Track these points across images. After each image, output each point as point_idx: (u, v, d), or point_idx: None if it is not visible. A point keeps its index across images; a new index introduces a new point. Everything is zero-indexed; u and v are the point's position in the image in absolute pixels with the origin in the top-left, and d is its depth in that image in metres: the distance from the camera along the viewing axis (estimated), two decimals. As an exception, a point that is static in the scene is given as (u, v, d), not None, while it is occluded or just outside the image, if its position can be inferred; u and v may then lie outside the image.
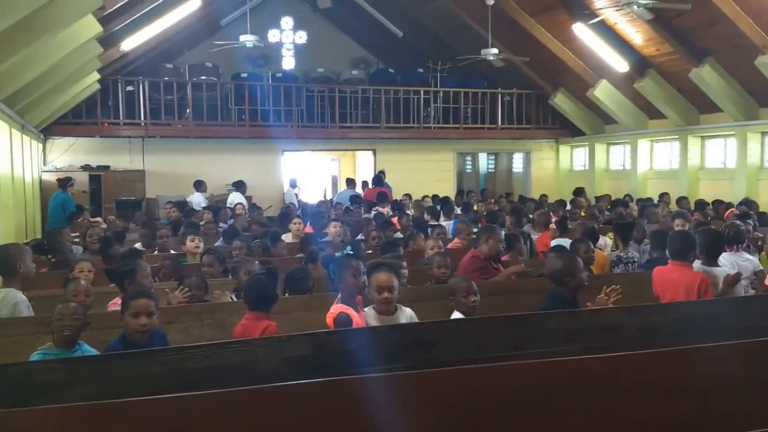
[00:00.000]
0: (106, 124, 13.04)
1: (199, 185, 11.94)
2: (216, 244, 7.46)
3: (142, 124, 13.26)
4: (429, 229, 7.44)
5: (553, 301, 3.85)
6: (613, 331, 3.76)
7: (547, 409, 2.77)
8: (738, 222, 6.01)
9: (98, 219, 10.40)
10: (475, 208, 11.11)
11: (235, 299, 4.30)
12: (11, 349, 3.41)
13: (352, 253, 3.68)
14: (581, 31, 12.40)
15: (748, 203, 9.25)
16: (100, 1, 6.05)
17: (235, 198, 11.86)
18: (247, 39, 11.28)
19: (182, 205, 10.65)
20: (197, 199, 11.70)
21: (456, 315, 3.88)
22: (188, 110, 13.54)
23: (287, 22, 17.43)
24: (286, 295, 4.24)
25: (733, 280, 4.40)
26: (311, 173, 19.25)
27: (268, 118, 14.01)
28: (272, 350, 2.92)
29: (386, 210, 10.75)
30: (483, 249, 5.15)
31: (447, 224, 8.90)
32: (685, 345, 3.22)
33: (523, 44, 13.57)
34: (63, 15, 5.88)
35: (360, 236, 7.83)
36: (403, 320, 3.48)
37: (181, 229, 7.08)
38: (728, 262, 4.84)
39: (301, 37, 17.49)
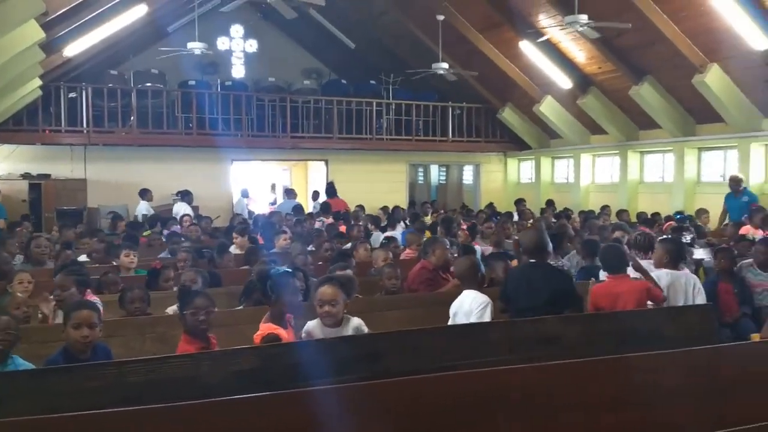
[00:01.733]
0: (47, 132, 12.62)
1: (144, 194, 11.68)
2: (160, 255, 7.33)
3: (85, 131, 12.88)
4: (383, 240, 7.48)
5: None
6: (554, 340, 3.87)
7: (492, 417, 2.82)
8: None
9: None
10: (428, 218, 11.23)
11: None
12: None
13: (290, 270, 3.65)
14: (527, 48, 12.76)
15: (686, 217, 9.62)
16: (43, 7, 5.89)
17: (180, 208, 11.64)
18: (195, 46, 11.14)
19: (118, 218, 10.34)
20: (142, 209, 11.45)
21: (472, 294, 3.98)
22: (132, 118, 13.24)
23: (237, 30, 17.31)
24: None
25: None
26: (261, 183, 19.04)
27: (216, 127, 13.81)
28: (218, 364, 2.88)
29: (329, 220, 10.77)
30: (431, 260, 5.23)
31: (395, 234, 9.02)
32: (623, 354, 3.35)
33: (473, 60, 13.85)
34: (4, 20, 5.68)
35: (310, 247, 7.82)
36: (349, 332, 3.49)
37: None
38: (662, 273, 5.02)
39: (252, 45, 17.39)
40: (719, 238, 8.56)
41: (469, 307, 4.00)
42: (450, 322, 4.11)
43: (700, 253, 6.87)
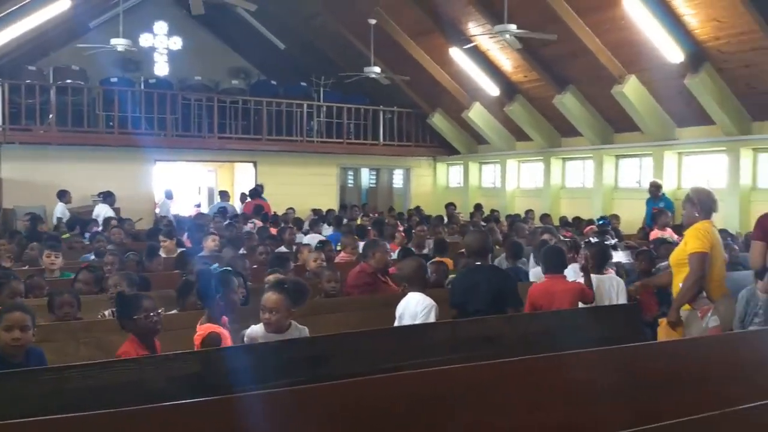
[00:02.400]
0: (-41, 128, 11.87)
1: (62, 195, 11.16)
2: (83, 257, 7.03)
3: (0, 129, 12.17)
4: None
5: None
6: (495, 339, 3.97)
7: (435, 416, 2.86)
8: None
9: None
10: (358, 222, 11.26)
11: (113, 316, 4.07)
12: None
13: (230, 269, 3.59)
14: (457, 55, 13.03)
15: (608, 220, 10.06)
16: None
17: (101, 210, 11.20)
18: (119, 43, 10.75)
19: (37, 219, 9.85)
20: (59, 211, 10.94)
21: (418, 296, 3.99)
22: (51, 115, 12.61)
23: (161, 26, 16.79)
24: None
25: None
26: (185, 185, 18.55)
27: (139, 126, 13.36)
28: (160, 368, 2.80)
29: (258, 223, 10.63)
30: (371, 262, 5.25)
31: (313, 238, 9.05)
32: (559, 351, 3.47)
33: (404, 64, 14.00)
34: None
35: (242, 250, 7.67)
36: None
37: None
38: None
39: (176, 43, 16.90)
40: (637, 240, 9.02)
41: (414, 309, 4.04)
42: (396, 324, 4.14)
43: (620, 256, 7.20)
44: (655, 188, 10.85)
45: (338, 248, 7.66)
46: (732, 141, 10.64)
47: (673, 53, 9.94)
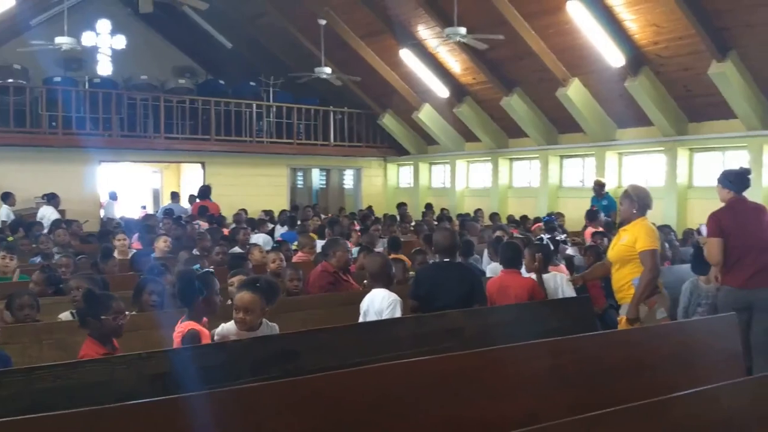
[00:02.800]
0: None
1: (6, 197, 10.78)
2: (32, 260, 6.83)
3: (-63, 129, 11.67)
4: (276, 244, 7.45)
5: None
6: (456, 332, 4.08)
7: (402, 408, 2.93)
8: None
9: None
10: (311, 222, 11.26)
11: (74, 317, 4.00)
12: None
13: (212, 271, 3.60)
14: (407, 57, 13.18)
15: (555, 218, 10.37)
16: None
17: (46, 212, 10.89)
18: (64, 41, 10.46)
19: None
20: (3, 214, 10.57)
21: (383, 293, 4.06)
22: (-8, 115, 12.17)
23: (104, 24, 16.27)
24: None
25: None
26: (131, 186, 18.11)
27: (84, 127, 12.98)
28: (131, 368, 2.79)
29: (204, 224, 10.52)
30: (332, 262, 5.30)
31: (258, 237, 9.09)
32: (518, 342, 3.60)
33: (354, 65, 14.07)
34: None
35: (195, 251, 7.59)
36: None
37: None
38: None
39: (120, 41, 16.44)
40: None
41: (380, 305, 4.10)
42: (360, 320, 4.20)
43: (571, 251, 7.48)
44: (599, 187, 11.27)
45: (294, 248, 7.67)
46: (669, 141, 11.14)
47: (614, 57, 10.34)
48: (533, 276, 4.94)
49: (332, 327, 3.67)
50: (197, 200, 13.19)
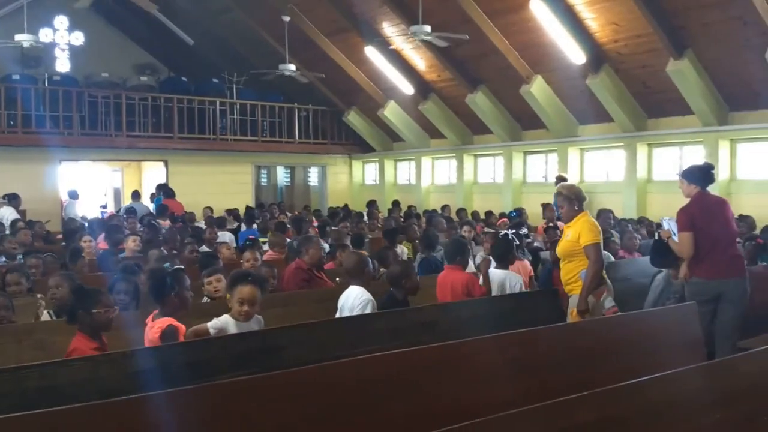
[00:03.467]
0: None
1: (-35, 199, 10.50)
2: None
3: None
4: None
5: (389, 301, 4.23)
6: (431, 325, 4.20)
7: (380, 398, 3.02)
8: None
9: None
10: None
11: (53, 317, 3.98)
12: None
13: (182, 267, 3.63)
14: (372, 54, 13.25)
15: (519, 213, 10.58)
16: None
17: (6, 212, 10.63)
18: (24, 39, 10.24)
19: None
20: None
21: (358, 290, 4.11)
22: (-54, 113, 11.83)
23: (61, 21, 15.93)
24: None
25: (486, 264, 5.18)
26: (91, 185, 17.77)
27: (43, 125, 12.72)
28: (116, 365, 2.81)
29: (166, 223, 10.46)
30: (305, 259, 5.35)
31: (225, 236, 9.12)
32: (488, 335, 3.73)
33: (319, 62, 14.07)
34: None
35: (163, 250, 7.54)
36: (255, 327, 3.54)
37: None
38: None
39: (78, 38, 16.12)
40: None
41: (352, 303, 4.18)
42: (337, 315, 4.27)
43: (537, 244, 7.68)
44: (561, 181, 11.50)
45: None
46: (629, 137, 11.47)
47: (575, 55, 10.60)
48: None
49: (312, 322, 3.74)
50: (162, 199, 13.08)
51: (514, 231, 6.93)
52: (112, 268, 5.96)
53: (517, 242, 6.08)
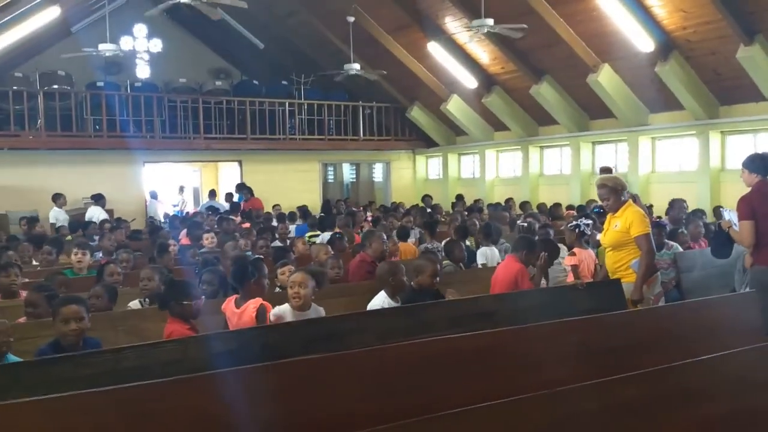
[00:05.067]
0: (-55, 136, 11.98)
1: (56, 199, 11.35)
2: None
3: (-11, 135, 12.32)
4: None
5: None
6: (489, 315, 4.36)
7: (439, 379, 3.22)
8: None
9: None
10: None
11: (146, 306, 4.43)
12: None
13: (262, 257, 3.98)
14: (435, 49, 13.38)
15: (584, 206, 10.52)
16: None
17: (94, 212, 11.44)
18: (107, 48, 10.94)
19: (34, 221, 10.13)
20: (56, 214, 11.14)
21: (381, 296, 4.29)
22: (40, 121, 12.76)
23: (141, 29, 16.86)
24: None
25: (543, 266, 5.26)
26: (168, 185, 18.71)
27: (127, 129, 13.56)
28: (202, 347, 3.14)
29: (237, 219, 10.99)
30: (369, 252, 5.61)
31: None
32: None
33: (382, 60, 14.32)
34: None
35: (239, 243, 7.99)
36: (314, 315, 3.82)
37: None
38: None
39: (156, 45, 17.01)
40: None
41: (370, 306, 4.39)
42: None
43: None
44: (605, 172, 11.39)
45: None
46: (701, 125, 11.17)
47: (643, 42, 10.41)
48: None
49: (374, 310, 3.98)
50: (234, 197, 13.76)
51: (576, 222, 6.99)
52: (192, 262, 6.44)
53: (588, 233, 6.23)
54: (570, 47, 11.32)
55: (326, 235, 7.97)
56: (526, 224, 7.75)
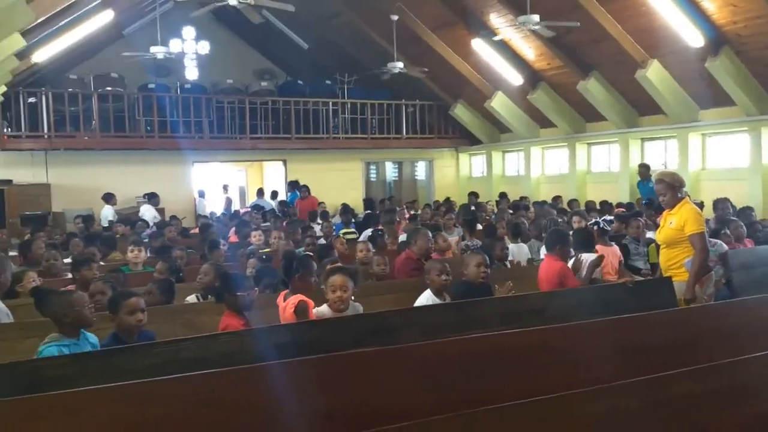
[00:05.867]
0: (5, 137, 12.50)
1: (109, 198, 11.74)
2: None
3: (46, 136, 12.81)
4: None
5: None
6: (539, 312, 4.36)
7: (488, 375, 3.24)
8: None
9: None
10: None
11: (200, 300, 4.59)
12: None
13: (311, 254, 4.07)
14: (479, 46, 13.32)
15: (633, 203, 10.38)
16: (34, 17, 5.98)
17: (147, 210, 11.77)
18: (158, 50, 11.26)
19: (89, 219, 10.50)
20: (106, 213, 11.51)
21: (426, 294, 4.33)
22: (94, 122, 13.21)
23: (189, 31, 17.23)
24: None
25: (595, 263, 5.19)
26: (214, 184, 19.11)
27: (177, 130, 13.92)
28: (257, 340, 3.24)
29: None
30: (414, 249, 5.66)
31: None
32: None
33: (426, 58, 14.32)
34: (-5, 33, 5.77)
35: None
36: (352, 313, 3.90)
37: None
38: None
39: (204, 47, 17.36)
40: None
41: (417, 304, 4.41)
42: None
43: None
44: (644, 169, 11.33)
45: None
46: (753, 121, 10.84)
47: (693, 37, 10.18)
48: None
49: (423, 306, 4.02)
50: (278, 196, 14.04)
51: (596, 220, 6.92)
52: (239, 259, 6.60)
53: (609, 230, 6.22)
54: (618, 43, 11.13)
55: (367, 232, 8.05)
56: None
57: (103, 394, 2.40)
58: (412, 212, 11.93)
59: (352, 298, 3.95)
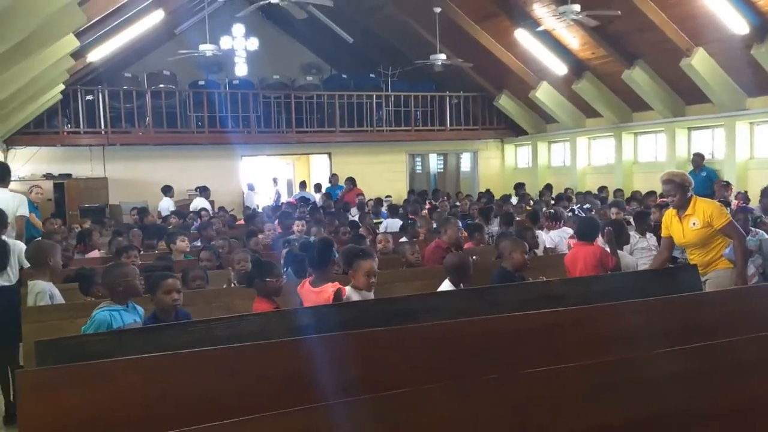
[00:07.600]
0: (65, 133, 13.22)
1: (167, 191, 12.32)
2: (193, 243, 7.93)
3: (103, 132, 13.49)
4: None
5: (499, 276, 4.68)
6: (557, 299, 4.46)
7: (504, 354, 3.38)
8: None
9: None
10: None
11: (237, 285, 4.92)
12: (46, 332, 3.86)
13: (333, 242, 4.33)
14: (523, 36, 13.29)
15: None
16: (85, 19, 6.40)
17: (198, 203, 12.28)
18: (207, 48, 11.68)
19: (144, 212, 11.02)
20: (165, 205, 12.06)
21: (445, 284, 4.52)
22: (148, 118, 13.82)
23: (239, 29, 17.69)
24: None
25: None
26: (263, 177, 19.62)
27: (226, 125, 14.40)
28: (283, 320, 3.49)
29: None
30: (444, 238, 5.84)
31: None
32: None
33: (469, 49, 14.36)
34: (49, 35, 6.19)
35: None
36: (371, 296, 4.13)
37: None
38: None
39: (253, 43, 17.80)
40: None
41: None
42: None
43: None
44: (699, 158, 11.15)
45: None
46: (804, 108, 10.55)
47: (738, 24, 9.96)
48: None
49: (445, 291, 4.20)
50: (322, 189, 14.37)
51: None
52: (281, 248, 6.91)
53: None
54: (662, 31, 10.97)
55: (397, 222, 8.28)
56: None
57: (138, 364, 2.68)
58: (433, 203, 12.26)
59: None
